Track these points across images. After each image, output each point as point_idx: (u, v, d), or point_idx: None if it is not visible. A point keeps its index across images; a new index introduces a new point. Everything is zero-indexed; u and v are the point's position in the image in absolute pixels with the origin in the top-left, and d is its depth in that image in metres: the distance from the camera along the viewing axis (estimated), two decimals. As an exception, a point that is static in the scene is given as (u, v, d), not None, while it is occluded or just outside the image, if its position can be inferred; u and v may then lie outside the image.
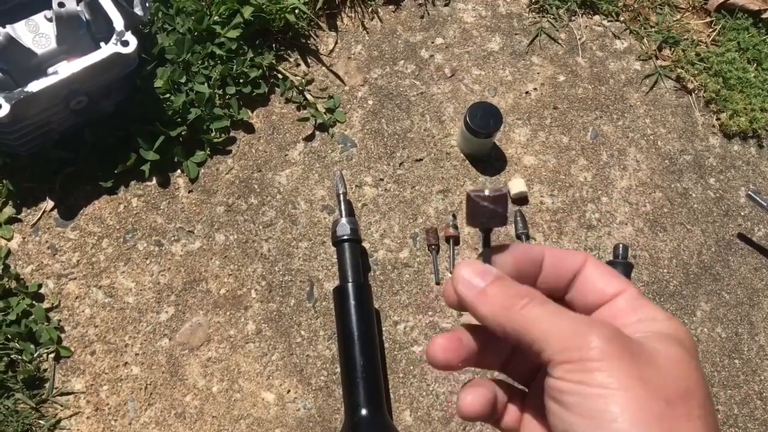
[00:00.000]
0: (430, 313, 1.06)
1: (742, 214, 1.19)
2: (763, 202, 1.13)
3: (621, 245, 1.09)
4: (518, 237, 1.11)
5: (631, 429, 0.32)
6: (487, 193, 0.38)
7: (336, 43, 1.24)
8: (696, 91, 1.28)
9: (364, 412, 0.91)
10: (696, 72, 1.29)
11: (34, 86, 0.92)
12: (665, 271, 1.13)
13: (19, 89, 0.92)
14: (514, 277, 0.39)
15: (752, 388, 1.07)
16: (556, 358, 0.34)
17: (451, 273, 1.08)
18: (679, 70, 1.29)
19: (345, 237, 1.01)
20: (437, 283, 1.07)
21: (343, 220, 1.02)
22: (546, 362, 0.34)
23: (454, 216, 1.11)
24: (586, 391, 0.33)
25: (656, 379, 0.35)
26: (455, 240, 1.10)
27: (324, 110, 1.17)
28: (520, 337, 0.35)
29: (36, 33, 1.02)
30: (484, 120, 1.09)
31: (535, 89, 1.25)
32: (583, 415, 0.33)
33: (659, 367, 0.35)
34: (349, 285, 0.98)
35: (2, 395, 0.93)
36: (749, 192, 1.15)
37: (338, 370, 1.00)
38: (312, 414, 0.98)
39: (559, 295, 0.40)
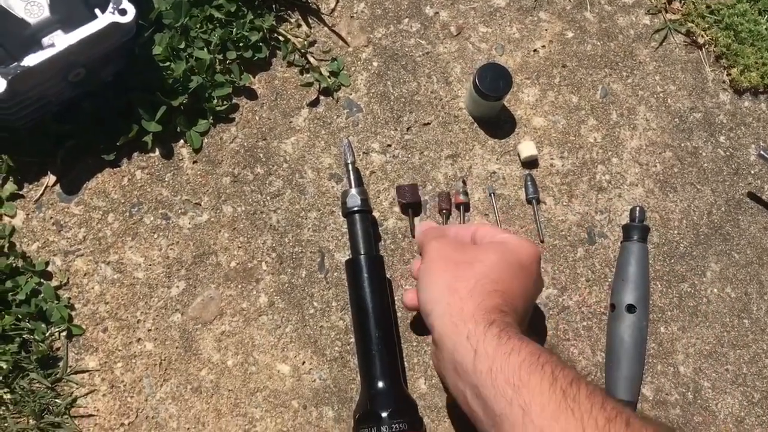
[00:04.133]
0: (441, 280, 1.05)
1: (752, 172, 1.18)
2: (774, 161, 1.12)
3: (638, 208, 1.08)
4: (528, 201, 1.10)
5: (424, 275, 0.87)
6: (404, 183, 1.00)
7: (337, 1, 1.20)
8: (706, 46, 1.26)
9: (381, 384, 0.91)
10: (706, 26, 1.26)
11: (31, 60, 0.88)
12: (675, 232, 1.13)
13: (16, 64, 0.88)
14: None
15: (761, 347, 1.09)
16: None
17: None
18: (689, 24, 1.26)
19: (356, 208, 0.99)
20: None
21: (353, 190, 1.00)
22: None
23: (464, 182, 1.09)
24: (419, 259, 0.92)
25: (449, 252, 0.87)
26: (465, 207, 1.08)
27: (328, 73, 1.14)
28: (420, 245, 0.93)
29: (28, 1, 0.97)
30: (493, 82, 1.07)
31: (543, 47, 1.21)
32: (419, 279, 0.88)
33: (454, 247, 0.88)
34: (362, 257, 0.97)
35: (18, 375, 0.92)
36: (760, 151, 1.14)
37: (352, 340, 1.00)
38: (327, 384, 0.99)
39: None
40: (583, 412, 0.61)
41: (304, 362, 0.99)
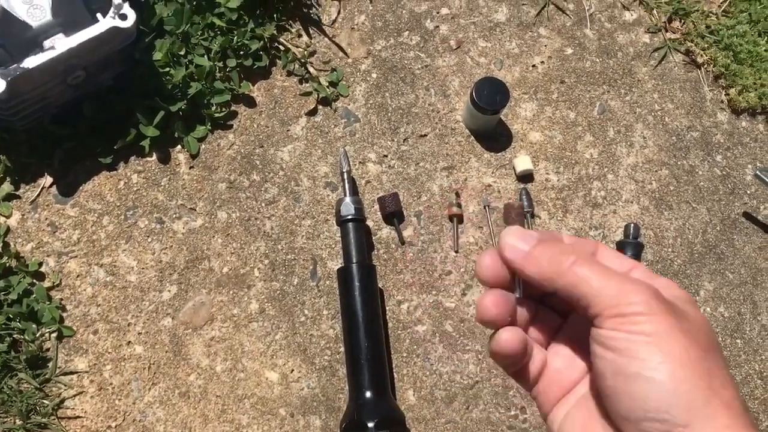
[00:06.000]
0: (434, 292, 1.05)
1: (748, 192, 1.18)
2: (770, 182, 1.12)
3: (633, 225, 1.08)
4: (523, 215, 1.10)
5: (676, 368, 0.37)
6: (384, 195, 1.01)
7: (339, 12, 1.21)
8: (705, 66, 1.26)
9: (368, 394, 0.91)
10: (706, 45, 1.26)
11: (31, 62, 0.89)
12: (670, 250, 1.13)
13: (16, 65, 0.89)
14: None
15: (753, 367, 1.08)
16: (605, 313, 0.38)
17: (455, 252, 1.07)
18: (688, 44, 1.27)
19: (349, 216, 0.99)
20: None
21: (347, 199, 1.01)
22: (594, 316, 0.39)
23: (457, 194, 1.10)
24: (635, 338, 0.38)
25: (693, 331, 0.40)
26: (459, 219, 1.08)
27: (327, 83, 1.14)
28: (569, 293, 0.40)
29: (30, 4, 0.98)
30: (490, 96, 1.07)
31: (542, 62, 1.22)
32: (633, 356, 0.37)
33: (692, 324, 0.41)
34: (354, 266, 0.97)
35: (6, 375, 0.92)
36: (756, 171, 1.14)
37: (342, 349, 1.00)
38: (316, 393, 0.99)
39: None
40: None
41: (292, 370, 0.99)
